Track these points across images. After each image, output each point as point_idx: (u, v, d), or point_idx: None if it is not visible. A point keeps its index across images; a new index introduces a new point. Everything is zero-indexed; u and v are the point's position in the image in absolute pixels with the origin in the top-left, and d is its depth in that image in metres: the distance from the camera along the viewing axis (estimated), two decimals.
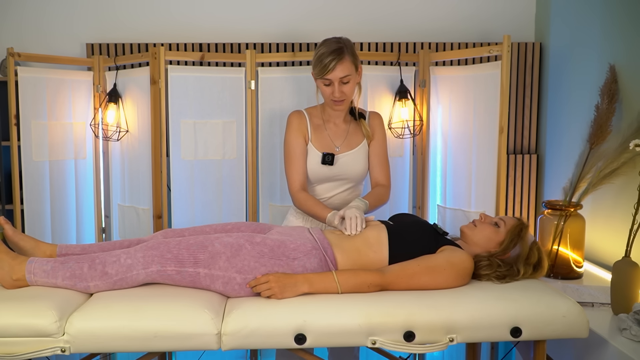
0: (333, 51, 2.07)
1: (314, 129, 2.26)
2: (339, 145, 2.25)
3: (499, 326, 1.64)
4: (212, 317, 1.61)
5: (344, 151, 2.25)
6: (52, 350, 1.59)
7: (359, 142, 2.27)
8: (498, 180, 2.54)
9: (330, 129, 2.27)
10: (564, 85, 2.97)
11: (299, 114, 2.27)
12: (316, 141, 2.25)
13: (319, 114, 2.29)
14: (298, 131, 2.23)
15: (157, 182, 2.78)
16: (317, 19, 3.25)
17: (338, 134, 2.27)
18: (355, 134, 2.28)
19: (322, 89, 2.15)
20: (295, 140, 2.23)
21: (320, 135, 2.25)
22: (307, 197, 2.17)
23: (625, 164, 2.28)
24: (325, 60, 2.06)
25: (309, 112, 2.30)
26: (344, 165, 2.24)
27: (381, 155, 2.28)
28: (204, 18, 3.25)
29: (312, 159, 2.23)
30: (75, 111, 2.95)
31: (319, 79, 2.12)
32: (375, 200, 2.20)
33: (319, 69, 2.09)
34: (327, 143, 2.25)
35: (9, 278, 1.73)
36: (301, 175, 2.22)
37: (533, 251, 1.88)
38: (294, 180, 2.21)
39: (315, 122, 2.27)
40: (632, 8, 2.38)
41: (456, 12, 3.28)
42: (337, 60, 2.06)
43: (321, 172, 2.23)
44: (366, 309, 1.63)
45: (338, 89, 2.11)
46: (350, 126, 2.28)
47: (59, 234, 2.92)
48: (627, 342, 1.71)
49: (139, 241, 1.96)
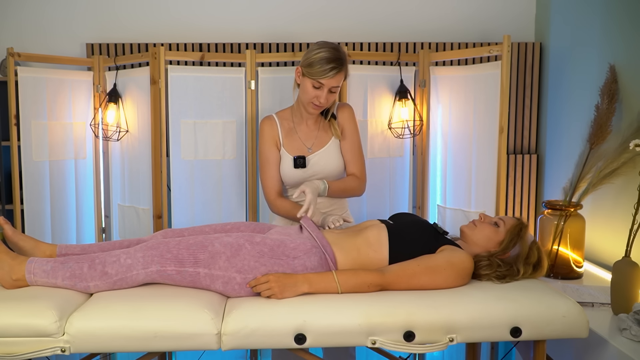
0: (336, 59, 2.06)
1: (285, 134, 2.25)
2: (310, 146, 2.24)
3: (499, 326, 1.64)
4: (212, 317, 1.61)
5: (316, 151, 2.24)
6: (52, 350, 1.59)
7: (329, 139, 2.26)
8: (498, 180, 2.54)
9: (301, 131, 2.26)
10: (564, 85, 2.97)
11: (269, 121, 2.27)
12: (288, 145, 2.24)
13: (290, 116, 2.27)
14: (270, 138, 2.24)
15: (157, 182, 2.78)
16: (317, 19, 3.25)
17: (309, 134, 2.25)
18: (325, 131, 2.27)
19: (307, 89, 2.11)
20: (268, 148, 2.24)
21: (292, 139, 2.25)
22: (283, 203, 2.20)
23: (625, 164, 2.28)
24: (325, 66, 2.04)
25: (279, 116, 2.29)
26: (316, 165, 2.23)
27: (354, 150, 2.26)
28: (204, 18, 3.25)
29: (285, 164, 2.23)
30: (75, 111, 2.95)
31: (310, 79, 2.09)
32: (342, 186, 2.20)
33: (316, 71, 2.06)
34: (298, 146, 2.24)
35: (9, 278, 1.73)
36: (275, 182, 2.23)
37: (533, 251, 1.88)
38: (270, 189, 2.23)
39: (286, 125, 2.26)
40: (632, 8, 2.38)
41: (456, 12, 3.28)
42: (337, 69, 2.06)
43: (295, 175, 2.22)
44: (366, 309, 1.63)
45: (325, 95, 2.10)
46: (321, 124, 2.27)
47: (59, 234, 2.92)
48: (627, 342, 1.71)
49: (139, 241, 1.96)
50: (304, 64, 2.10)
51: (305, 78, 2.11)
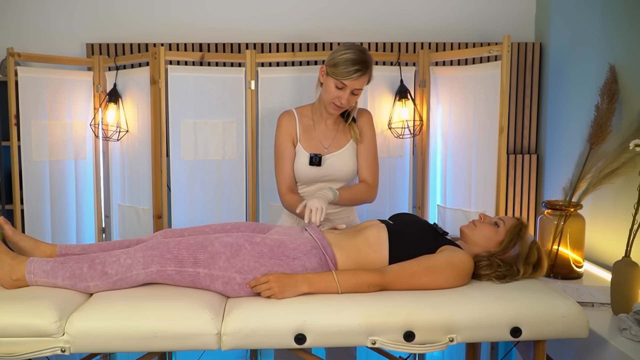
0: (362, 61, 2.05)
1: (303, 130, 2.25)
2: (327, 146, 2.24)
3: (499, 326, 1.64)
4: (212, 317, 1.61)
5: (333, 151, 2.24)
6: (52, 350, 1.59)
7: (347, 141, 2.26)
8: (498, 180, 2.54)
9: (319, 130, 2.25)
10: (564, 85, 2.97)
11: (288, 115, 2.27)
12: (305, 142, 2.24)
13: (310, 113, 2.27)
14: (286, 134, 2.24)
15: (157, 182, 2.78)
16: (317, 19, 3.25)
17: (327, 134, 2.25)
18: (344, 133, 2.26)
19: (330, 89, 2.11)
20: (284, 143, 2.23)
21: (309, 136, 2.24)
22: (293, 199, 2.19)
23: (625, 164, 2.28)
24: (350, 67, 2.03)
25: (299, 111, 2.28)
26: (331, 166, 2.23)
27: (369, 155, 2.26)
28: (204, 18, 3.25)
29: (300, 160, 2.23)
30: (75, 111, 2.95)
31: (334, 79, 2.08)
32: (351, 194, 2.19)
33: (340, 71, 2.05)
34: (315, 144, 2.24)
35: (9, 278, 1.73)
36: (288, 178, 2.23)
37: (533, 251, 1.88)
38: (281, 183, 2.23)
39: (305, 122, 2.26)
40: (632, 8, 2.38)
41: (456, 12, 3.28)
42: (362, 72, 2.06)
43: (310, 173, 2.22)
44: (366, 309, 1.63)
45: (347, 97, 2.10)
46: (340, 126, 2.27)
47: (59, 234, 2.92)
48: (627, 342, 1.71)
49: (139, 241, 1.96)
50: (329, 63, 2.09)
51: (328, 77, 2.11)
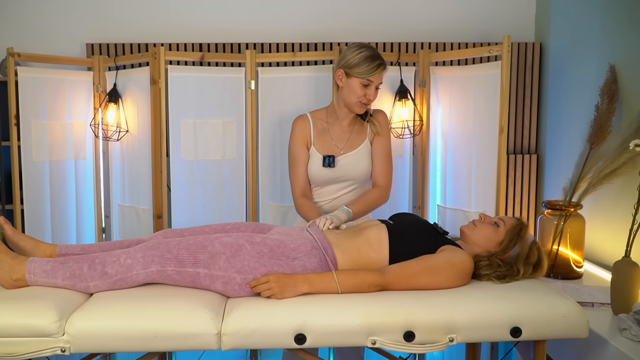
0: (379, 56, 2.13)
1: (317, 133, 2.27)
2: (342, 147, 2.26)
3: (499, 326, 1.64)
4: (212, 317, 1.61)
5: (347, 152, 2.25)
6: (52, 350, 1.59)
7: (361, 142, 2.27)
8: (498, 180, 2.54)
9: (334, 132, 2.27)
10: (564, 85, 2.97)
11: (302, 120, 2.29)
12: (318, 145, 2.26)
13: (324, 117, 2.29)
14: (300, 138, 2.26)
15: (157, 182, 2.78)
16: (317, 19, 3.26)
17: (342, 136, 2.27)
18: (358, 134, 2.28)
19: (355, 89, 2.14)
20: (297, 147, 2.26)
21: (324, 139, 2.26)
22: (304, 204, 2.21)
23: (625, 164, 2.28)
24: (373, 63, 2.10)
25: (313, 115, 2.30)
26: (345, 167, 2.24)
27: (384, 155, 2.28)
28: (204, 18, 3.25)
29: (313, 162, 2.24)
30: (75, 111, 2.95)
31: (359, 78, 2.12)
32: (364, 205, 2.21)
33: (365, 69, 2.10)
34: (330, 146, 2.25)
35: (9, 278, 1.73)
36: (302, 182, 2.25)
37: (533, 251, 1.88)
38: (295, 187, 2.26)
39: (319, 125, 2.28)
40: (632, 8, 2.38)
41: (456, 12, 3.28)
42: (383, 65, 2.13)
43: (323, 174, 2.24)
44: (366, 309, 1.62)
45: (373, 92, 2.15)
46: (354, 127, 2.29)
47: (59, 234, 2.92)
48: (627, 342, 1.71)
49: (139, 241, 1.96)
50: (347, 65, 2.13)
51: (350, 79, 2.14)
